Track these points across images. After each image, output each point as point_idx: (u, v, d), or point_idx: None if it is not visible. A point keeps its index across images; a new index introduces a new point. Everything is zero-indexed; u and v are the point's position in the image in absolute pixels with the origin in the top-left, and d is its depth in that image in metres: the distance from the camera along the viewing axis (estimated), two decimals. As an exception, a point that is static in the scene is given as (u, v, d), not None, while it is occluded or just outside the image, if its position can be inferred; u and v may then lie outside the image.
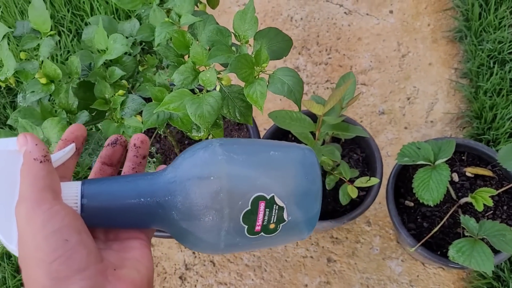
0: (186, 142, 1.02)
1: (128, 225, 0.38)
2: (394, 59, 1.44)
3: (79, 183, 0.37)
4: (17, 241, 0.33)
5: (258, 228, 0.38)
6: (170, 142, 1.00)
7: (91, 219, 0.36)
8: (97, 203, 0.36)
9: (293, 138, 1.12)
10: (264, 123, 1.34)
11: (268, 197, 0.37)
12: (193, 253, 1.21)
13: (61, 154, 0.38)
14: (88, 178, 0.40)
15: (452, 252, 0.83)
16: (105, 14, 1.45)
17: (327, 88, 1.43)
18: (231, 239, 0.37)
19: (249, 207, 0.37)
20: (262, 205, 0.37)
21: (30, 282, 0.32)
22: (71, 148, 0.39)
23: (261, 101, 0.62)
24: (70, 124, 0.70)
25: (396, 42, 1.47)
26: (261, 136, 1.01)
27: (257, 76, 0.64)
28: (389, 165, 1.24)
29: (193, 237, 0.37)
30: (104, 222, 0.37)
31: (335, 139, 1.09)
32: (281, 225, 0.38)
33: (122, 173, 0.42)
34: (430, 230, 0.98)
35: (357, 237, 1.20)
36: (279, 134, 1.10)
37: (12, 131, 0.75)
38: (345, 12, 1.54)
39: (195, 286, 1.18)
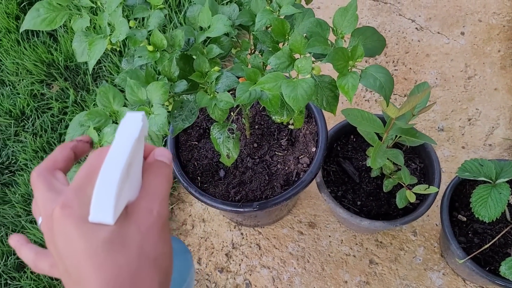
0: (256, 127, 1.08)
1: None
2: (460, 80, 1.46)
3: None
4: (114, 216, 0.33)
5: None
6: (242, 124, 1.06)
7: None
8: None
9: (354, 139, 1.17)
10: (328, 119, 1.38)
11: None
12: (241, 233, 1.27)
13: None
14: (52, 155, 0.42)
15: (504, 268, 0.86)
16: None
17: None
18: None
19: None
20: None
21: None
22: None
23: (351, 92, 0.67)
24: (171, 89, 0.77)
25: (464, 63, 1.49)
26: (328, 130, 1.05)
27: (350, 69, 0.69)
28: (442, 180, 1.26)
29: None
30: None
31: (396, 146, 1.13)
32: None
33: None
34: (480, 246, 1.00)
35: (402, 244, 1.23)
36: (344, 131, 1.14)
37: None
38: (416, 28, 1.57)
39: (240, 265, 1.23)
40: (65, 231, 0.33)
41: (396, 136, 1.00)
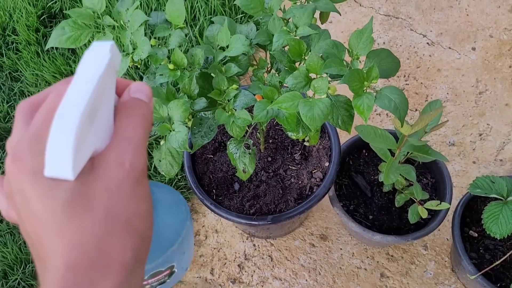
0: (270, 141, 1.10)
1: None
2: (471, 95, 1.48)
3: None
4: (75, 171, 0.27)
5: None
6: (257, 138, 1.09)
7: None
8: None
9: (366, 154, 1.18)
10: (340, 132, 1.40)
11: None
12: (254, 245, 1.29)
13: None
14: (46, 90, 0.34)
15: (514, 284, 0.87)
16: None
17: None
18: None
19: None
20: None
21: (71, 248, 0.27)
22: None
23: (367, 113, 0.69)
24: (191, 107, 0.80)
25: (475, 78, 1.50)
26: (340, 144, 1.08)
27: (365, 90, 0.71)
28: (453, 195, 1.28)
29: None
30: None
31: (408, 161, 1.14)
32: None
33: None
34: (491, 262, 1.01)
35: (413, 258, 1.24)
36: (357, 146, 1.16)
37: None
38: (427, 43, 1.59)
39: (252, 276, 1.25)
40: (20, 188, 0.28)
41: (408, 152, 1.02)
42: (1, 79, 1.57)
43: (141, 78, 1.49)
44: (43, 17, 1.62)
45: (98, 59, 0.29)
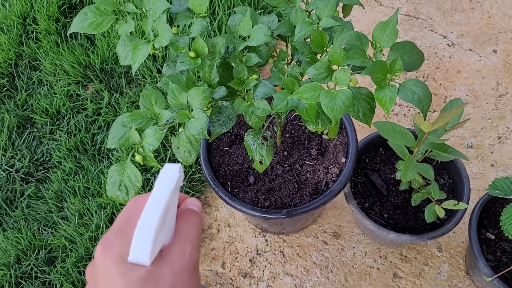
0: (287, 135, 1.09)
1: None
2: (491, 97, 1.46)
3: None
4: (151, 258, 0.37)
5: None
6: (274, 132, 1.08)
7: None
8: None
9: (383, 152, 1.17)
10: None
11: None
12: (266, 240, 1.28)
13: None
14: None
15: (532, 287, 0.85)
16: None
17: (419, 112, 1.46)
18: None
19: None
20: None
21: None
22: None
23: (389, 105, 0.68)
24: (210, 95, 0.80)
25: (495, 81, 1.48)
26: (358, 141, 1.07)
27: (388, 83, 0.70)
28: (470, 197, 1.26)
29: None
30: None
31: (425, 160, 1.13)
32: None
33: None
34: (508, 265, 1.00)
35: (426, 259, 1.22)
36: (373, 144, 1.15)
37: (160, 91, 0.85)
38: (448, 44, 1.57)
39: (263, 271, 1.24)
40: (105, 268, 0.37)
41: (426, 150, 1.00)
42: (21, 68, 1.59)
43: (159, 71, 1.50)
44: (64, 7, 1.63)
45: (170, 177, 0.39)
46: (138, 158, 0.73)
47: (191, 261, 0.40)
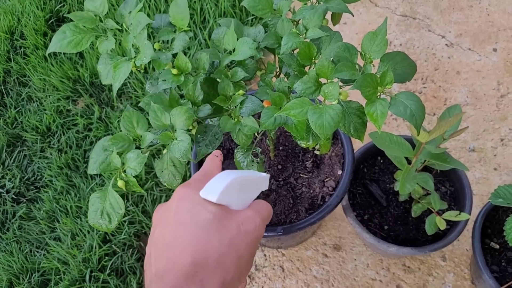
0: (280, 148, 1.06)
1: None
2: (492, 98, 1.42)
3: None
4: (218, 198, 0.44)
5: None
6: (267, 145, 1.04)
7: None
8: None
9: (381, 161, 1.13)
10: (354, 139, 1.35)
11: None
12: (264, 255, 1.25)
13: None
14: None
15: (541, 302, 0.81)
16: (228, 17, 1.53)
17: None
18: None
19: None
20: None
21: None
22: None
23: (380, 120, 0.64)
24: (195, 114, 0.76)
25: (496, 81, 1.44)
26: (354, 151, 1.03)
27: (379, 96, 0.66)
28: (473, 204, 1.22)
29: None
30: None
31: (425, 168, 1.09)
32: None
33: None
34: (515, 276, 0.96)
35: (430, 270, 1.18)
36: (371, 153, 1.11)
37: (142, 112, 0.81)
38: (446, 44, 1.53)
39: (262, 287, 1.21)
40: (178, 196, 0.43)
41: (426, 159, 0.96)
42: (9, 84, 1.56)
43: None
44: (51, 20, 1.60)
45: (258, 175, 0.54)
46: (120, 183, 0.70)
47: (256, 232, 0.42)
